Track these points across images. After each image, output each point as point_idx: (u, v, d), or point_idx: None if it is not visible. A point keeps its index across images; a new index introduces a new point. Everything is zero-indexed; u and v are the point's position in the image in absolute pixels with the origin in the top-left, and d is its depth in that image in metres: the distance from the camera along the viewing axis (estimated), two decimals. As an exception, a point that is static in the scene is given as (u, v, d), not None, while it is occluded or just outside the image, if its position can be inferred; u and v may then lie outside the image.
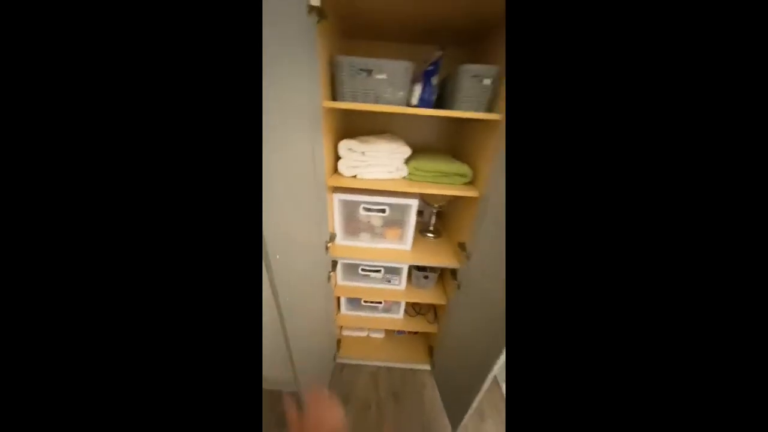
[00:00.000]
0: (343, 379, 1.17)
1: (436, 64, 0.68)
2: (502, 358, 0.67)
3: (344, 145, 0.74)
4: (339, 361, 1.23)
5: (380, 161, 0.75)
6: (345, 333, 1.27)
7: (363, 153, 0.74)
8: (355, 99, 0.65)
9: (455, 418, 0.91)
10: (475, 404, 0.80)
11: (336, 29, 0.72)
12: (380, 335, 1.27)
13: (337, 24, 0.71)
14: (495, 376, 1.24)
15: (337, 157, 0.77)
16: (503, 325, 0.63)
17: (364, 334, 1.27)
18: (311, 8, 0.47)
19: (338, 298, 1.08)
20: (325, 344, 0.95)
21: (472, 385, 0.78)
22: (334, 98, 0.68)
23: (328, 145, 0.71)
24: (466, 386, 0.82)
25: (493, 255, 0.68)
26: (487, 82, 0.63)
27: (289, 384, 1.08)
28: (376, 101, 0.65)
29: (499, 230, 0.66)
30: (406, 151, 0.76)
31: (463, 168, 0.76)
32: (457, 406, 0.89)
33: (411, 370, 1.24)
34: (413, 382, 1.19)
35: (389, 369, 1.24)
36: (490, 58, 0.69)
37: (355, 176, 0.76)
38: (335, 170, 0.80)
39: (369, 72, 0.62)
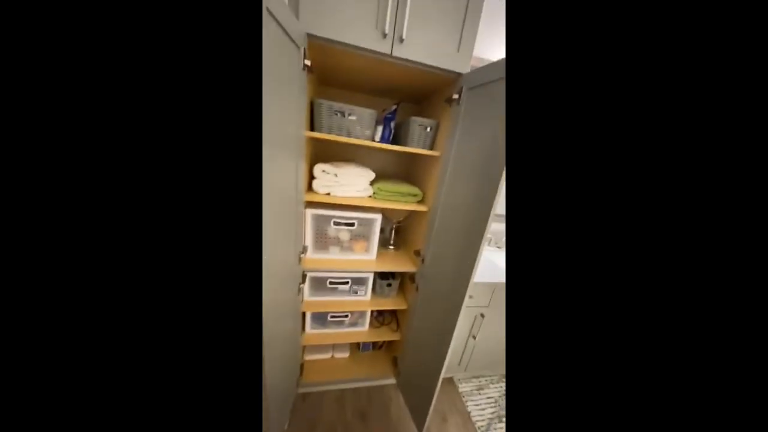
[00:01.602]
0: (306, 408, 1.11)
1: (393, 113, 0.91)
2: (450, 349, 0.79)
3: (319, 168, 0.87)
4: (301, 390, 1.17)
5: (349, 182, 0.90)
6: (308, 357, 1.23)
7: (335, 175, 0.88)
8: (330, 132, 0.81)
9: (419, 421, 0.97)
10: (434, 400, 0.89)
11: (316, 79, 0.90)
12: (345, 354, 1.27)
13: (317, 75, 0.89)
14: (453, 378, 1.35)
15: (311, 178, 0.88)
16: (451, 316, 0.79)
17: (328, 355, 1.25)
18: (305, 66, 0.64)
19: (303, 317, 1.08)
20: (289, 371, 0.92)
21: (430, 379, 0.88)
22: (312, 130, 0.82)
23: (305, 167, 0.83)
24: (426, 384, 0.91)
25: (442, 256, 0.87)
26: (428, 129, 0.88)
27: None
28: (348, 136, 0.82)
29: (444, 236, 0.85)
30: (371, 174, 0.94)
31: (415, 189, 0.97)
32: (420, 407, 0.96)
33: (377, 386, 1.26)
34: (380, 398, 1.20)
35: (354, 390, 1.23)
36: (431, 113, 0.97)
37: (328, 194, 0.88)
38: (309, 188, 0.91)
39: (343, 114, 0.80)
